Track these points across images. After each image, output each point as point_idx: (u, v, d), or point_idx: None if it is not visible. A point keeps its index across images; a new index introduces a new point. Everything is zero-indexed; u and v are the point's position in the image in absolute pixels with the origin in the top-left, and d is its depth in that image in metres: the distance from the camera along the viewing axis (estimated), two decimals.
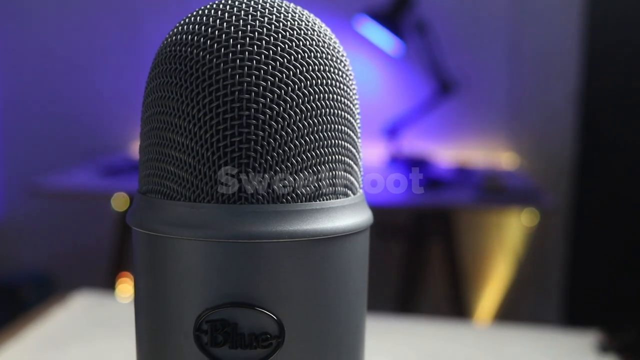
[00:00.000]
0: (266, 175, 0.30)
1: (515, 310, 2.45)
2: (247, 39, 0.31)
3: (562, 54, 2.37)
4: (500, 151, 2.46)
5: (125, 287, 2.08)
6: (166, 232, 0.31)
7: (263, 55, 0.30)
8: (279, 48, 0.31)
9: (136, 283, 0.34)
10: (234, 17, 0.31)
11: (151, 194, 0.33)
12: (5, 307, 2.31)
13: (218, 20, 0.31)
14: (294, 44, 0.31)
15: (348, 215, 0.32)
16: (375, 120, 2.37)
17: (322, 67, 0.32)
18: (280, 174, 0.30)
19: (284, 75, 0.30)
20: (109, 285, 2.07)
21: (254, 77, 0.30)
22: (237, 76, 0.30)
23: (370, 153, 2.37)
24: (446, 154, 2.45)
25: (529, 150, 2.45)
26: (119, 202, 2.06)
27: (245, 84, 0.30)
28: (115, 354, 0.81)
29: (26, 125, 2.64)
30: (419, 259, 2.26)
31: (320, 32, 0.33)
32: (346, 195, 0.33)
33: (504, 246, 2.48)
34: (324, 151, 0.32)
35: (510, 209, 2.26)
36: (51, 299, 1.08)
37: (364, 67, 2.43)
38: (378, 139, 2.37)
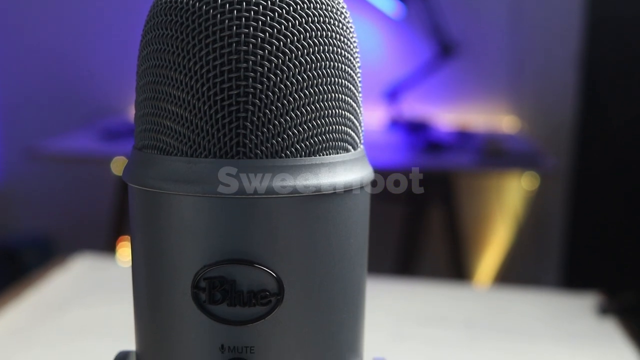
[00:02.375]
0: (265, 130, 0.29)
1: (515, 273, 2.45)
2: None
3: (564, 17, 2.35)
4: (500, 114, 2.45)
5: (126, 251, 2.08)
6: (163, 188, 0.30)
7: (261, 6, 0.30)
8: None
9: (133, 241, 0.33)
10: None
11: (147, 150, 0.32)
12: (6, 271, 2.31)
13: None
14: None
15: (348, 171, 0.32)
16: (375, 83, 2.35)
17: (322, 18, 0.31)
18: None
19: (283, 26, 0.30)
20: (109, 249, 2.07)
21: (251, 28, 0.29)
22: (235, 27, 0.29)
23: (371, 116, 2.35)
24: (447, 117, 2.45)
25: (529, 113, 2.44)
26: (119, 165, 2.05)
27: (243, 36, 0.29)
28: (115, 316, 0.81)
29: (25, 89, 2.63)
30: (419, 222, 2.26)
31: None
32: (347, 150, 0.32)
33: (504, 210, 2.48)
34: (324, 105, 0.31)
35: (510, 173, 2.26)
36: (51, 262, 1.08)
37: (365, 30, 2.41)
38: (378, 102, 2.36)
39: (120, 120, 2.39)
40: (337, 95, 0.31)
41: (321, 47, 0.31)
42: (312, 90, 0.30)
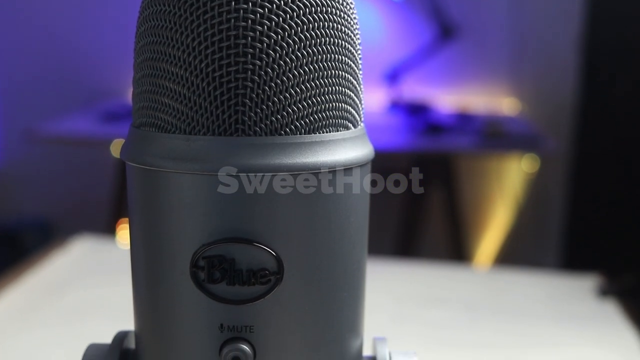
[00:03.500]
0: (264, 107, 0.29)
1: (515, 255, 2.46)
2: None
3: None
4: (501, 96, 2.45)
5: (126, 233, 2.08)
6: (161, 166, 0.30)
7: None
8: None
9: (131, 220, 0.33)
10: None
11: (145, 127, 0.32)
12: (6, 253, 2.32)
13: None
14: None
15: (349, 149, 0.31)
16: (375, 65, 2.34)
17: None
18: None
19: (282, 2, 0.29)
20: (109, 231, 2.07)
21: (250, 3, 0.29)
22: (233, 3, 0.29)
23: (371, 98, 2.35)
24: (447, 99, 2.44)
25: (530, 95, 2.43)
26: (119, 148, 2.04)
27: (242, 11, 0.29)
28: (114, 298, 0.81)
29: (25, 71, 2.62)
30: (419, 204, 2.26)
31: None
32: (347, 128, 0.32)
33: (504, 192, 2.48)
34: (324, 82, 0.30)
35: (510, 155, 2.26)
36: (51, 244, 1.08)
37: (365, 11, 2.39)
38: (378, 84, 2.35)
39: (120, 103, 2.38)
40: (337, 72, 0.31)
41: (321, 23, 0.30)
42: (312, 67, 0.30)
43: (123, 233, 2.06)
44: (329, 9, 0.31)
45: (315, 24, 0.30)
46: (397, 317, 0.86)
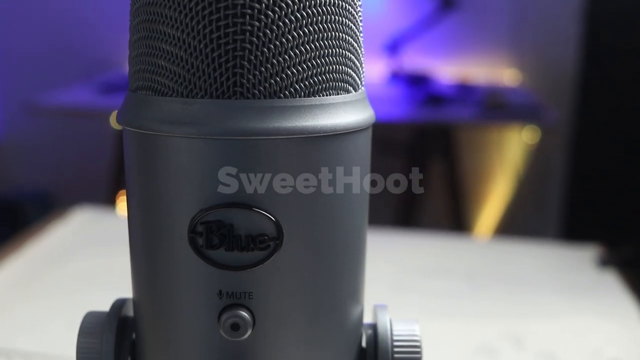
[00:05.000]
0: (262, 69, 0.28)
1: (515, 226, 2.46)
2: None
3: None
4: (502, 67, 2.44)
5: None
6: (157, 130, 0.29)
7: None
8: None
9: (128, 186, 0.33)
10: None
11: (141, 91, 0.31)
12: (6, 225, 2.32)
13: None
14: None
15: (349, 112, 0.31)
16: (376, 35, 2.33)
17: None
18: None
19: None
20: (109, 202, 2.08)
21: None
22: None
23: (371, 69, 2.34)
24: (448, 70, 2.43)
25: (530, 66, 2.42)
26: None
27: None
28: (114, 268, 0.81)
29: (23, 43, 2.60)
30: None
31: None
32: (347, 91, 0.31)
33: (504, 163, 2.47)
34: (324, 43, 0.30)
35: (511, 126, 2.25)
36: (51, 215, 1.08)
37: None
38: (379, 55, 2.33)
39: (120, 74, 2.37)
40: (337, 34, 0.30)
41: None
42: (311, 28, 0.29)
43: (123, 204, 2.06)
44: None
45: None
46: (397, 287, 0.86)
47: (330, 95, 0.30)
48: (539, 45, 2.39)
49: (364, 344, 0.36)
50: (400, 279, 0.88)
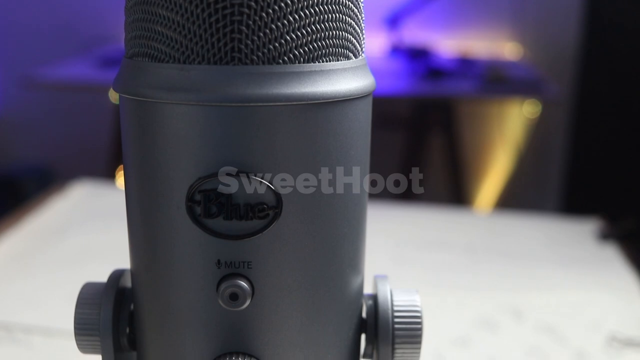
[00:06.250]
0: (261, 34, 0.28)
1: (515, 200, 2.46)
2: None
3: None
4: (503, 41, 2.42)
5: None
6: (154, 97, 0.29)
7: None
8: None
9: (125, 155, 0.32)
10: None
11: (138, 57, 0.30)
12: (6, 199, 2.32)
13: None
14: None
15: (349, 79, 0.30)
16: (376, 9, 2.31)
17: None
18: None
19: None
20: (109, 176, 2.07)
21: None
22: None
23: (371, 43, 2.32)
24: (448, 44, 2.41)
25: (532, 40, 2.41)
26: (117, 94, 2.03)
27: None
28: (113, 242, 0.81)
29: (21, 17, 2.59)
30: (420, 149, 2.26)
31: None
32: (347, 57, 0.31)
33: (505, 137, 2.47)
34: (324, 8, 0.29)
35: (512, 100, 2.24)
36: (51, 189, 1.08)
37: None
38: (379, 29, 2.32)
39: (118, 48, 2.36)
40: None
41: None
42: None
43: (122, 178, 2.06)
44: None
45: None
46: (397, 260, 0.85)
47: (330, 61, 0.30)
48: (540, 19, 2.38)
49: (364, 314, 0.36)
50: (401, 251, 0.88)
